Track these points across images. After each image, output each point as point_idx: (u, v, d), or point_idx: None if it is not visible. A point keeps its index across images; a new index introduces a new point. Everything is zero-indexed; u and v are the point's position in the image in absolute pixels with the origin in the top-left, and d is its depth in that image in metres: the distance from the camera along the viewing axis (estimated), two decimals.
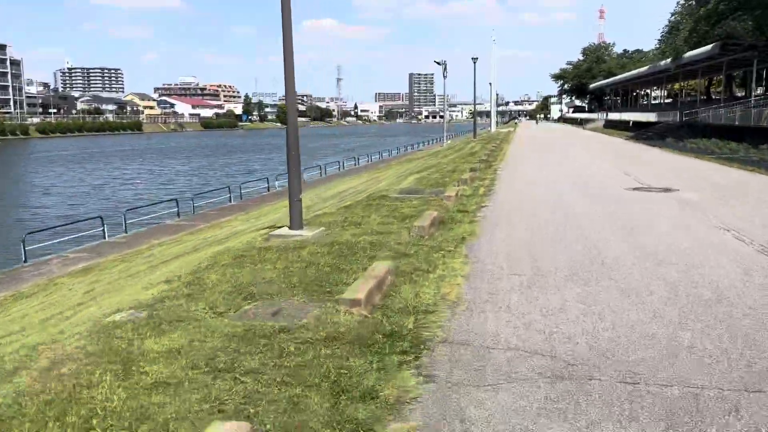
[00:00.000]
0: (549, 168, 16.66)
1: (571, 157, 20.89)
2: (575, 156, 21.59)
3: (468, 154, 24.84)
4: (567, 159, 20.36)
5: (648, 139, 32.96)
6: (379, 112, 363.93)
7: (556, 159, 20.45)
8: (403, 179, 16.37)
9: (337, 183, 24.31)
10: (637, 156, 21.18)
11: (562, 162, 18.79)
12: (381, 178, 19.96)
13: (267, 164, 48.20)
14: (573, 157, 20.95)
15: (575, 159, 20.39)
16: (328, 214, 9.66)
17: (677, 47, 44.63)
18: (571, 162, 18.76)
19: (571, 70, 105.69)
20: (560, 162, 18.80)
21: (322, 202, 14.33)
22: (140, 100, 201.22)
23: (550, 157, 21.27)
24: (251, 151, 69.64)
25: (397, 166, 27.99)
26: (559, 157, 21.09)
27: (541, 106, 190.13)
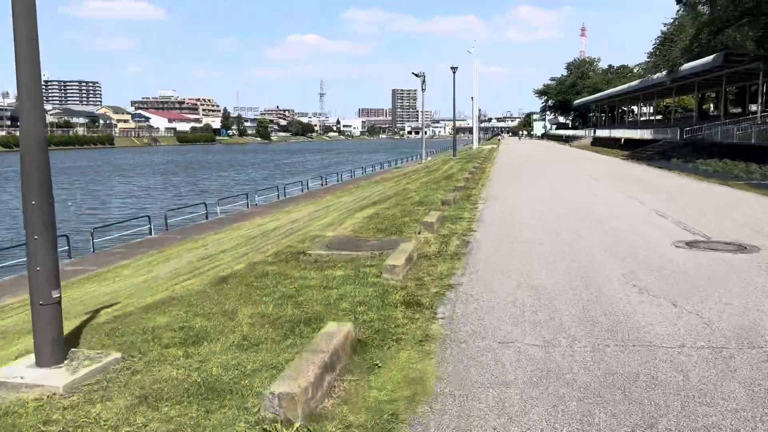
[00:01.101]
0: (547, 202, 12.31)
1: (570, 184, 16.86)
2: (575, 182, 17.50)
3: (443, 177, 20.68)
4: (566, 187, 16.27)
5: (649, 159, 29.18)
6: (361, 127, 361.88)
7: (552, 186, 16.40)
8: (353, 213, 12.09)
9: (278, 214, 19.99)
10: (651, 182, 17.04)
11: (560, 191, 14.52)
12: (331, 209, 15.65)
13: (225, 183, 43.72)
14: (573, 184, 16.94)
15: (576, 186, 16.36)
16: (166, 306, 5.31)
17: (673, 59, 41.32)
18: (574, 191, 14.64)
19: (555, 86, 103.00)
20: (558, 191, 14.51)
21: (209, 259, 9.97)
22: (114, 114, 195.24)
23: (543, 183, 17.12)
24: (215, 168, 64.93)
25: (360, 190, 23.75)
26: (555, 184, 17.02)
27: (523, 122, 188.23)
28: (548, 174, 20.64)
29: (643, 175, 20.06)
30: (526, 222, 9.89)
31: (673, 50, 43.37)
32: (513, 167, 25.76)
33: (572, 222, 9.75)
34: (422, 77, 49.40)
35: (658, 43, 48.92)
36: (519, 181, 18.49)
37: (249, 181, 45.96)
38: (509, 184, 17.06)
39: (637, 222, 9.63)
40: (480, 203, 12.52)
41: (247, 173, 55.76)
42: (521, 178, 19.32)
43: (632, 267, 6.52)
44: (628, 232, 8.71)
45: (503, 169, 24.36)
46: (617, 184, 16.63)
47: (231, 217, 23.44)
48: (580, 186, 16.33)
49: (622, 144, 45.29)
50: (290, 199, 29.11)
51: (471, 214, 10.73)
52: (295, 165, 68.94)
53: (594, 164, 26.61)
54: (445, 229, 9.12)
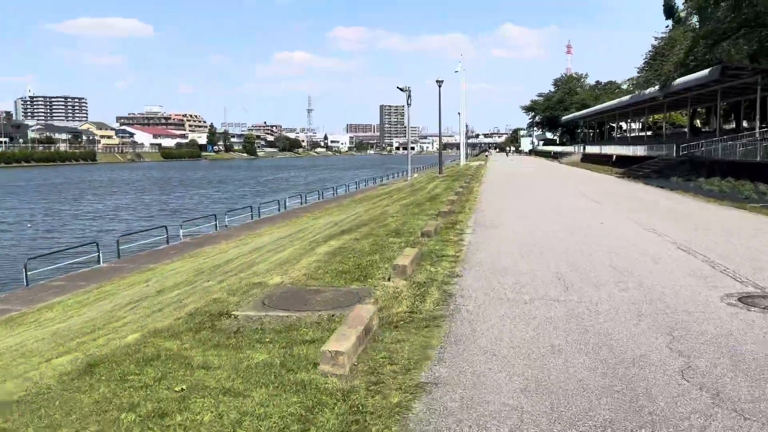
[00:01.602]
0: (547, 233, 10.23)
1: (569, 209, 14.70)
2: (575, 206, 15.40)
3: (427, 198, 18.77)
4: (566, 212, 13.94)
5: (646, 177, 27.55)
6: (349, 143, 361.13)
7: (550, 210, 14.19)
8: (316, 247, 10.11)
9: (246, 238, 17.98)
10: (659, 205, 15.05)
11: (560, 218, 12.51)
12: (297, 236, 13.64)
13: (200, 201, 41.48)
14: (573, 209, 14.69)
15: (578, 211, 14.17)
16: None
17: (666, 73, 40.03)
18: (577, 219, 12.51)
19: (542, 102, 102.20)
20: (558, 218, 12.54)
21: (130, 308, 7.97)
22: (98, 130, 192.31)
23: (540, 206, 15.11)
24: (193, 185, 62.62)
25: (338, 211, 21.86)
26: (552, 208, 14.72)
27: (510, 138, 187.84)
28: (542, 195, 18.73)
29: (646, 196, 18.24)
30: (525, 263, 7.95)
31: (665, 64, 42.10)
32: (503, 186, 23.92)
33: (582, 264, 7.82)
34: (407, 92, 47.81)
35: (649, 57, 47.76)
36: (511, 203, 16.57)
37: (226, 199, 43.83)
38: (500, 208, 15.16)
39: (665, 265, 7.71)
40: (467, 233, 10.59)
41: (226, 190, 53.57)
42: (513, 200, 17.40)
43: (684, 346, 4.57)
44: (658, 282, 6.77)
45: (492, 188, 22.50)
46: (622, 208, 14.69)
47: (195, 242, 21.35)
48: (582, 210, 14.32)
49: (614, 161, 43.82)
50: (264, 220, 27.09)
51: (456, 250, 8.79)
52: (278, 182, 66.87)
53: (590, 183, 24.80)
54: (423, 273, 7.16)
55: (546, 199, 17.11)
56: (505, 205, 15.62)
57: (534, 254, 8.49)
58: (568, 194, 18.95)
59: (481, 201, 16.92)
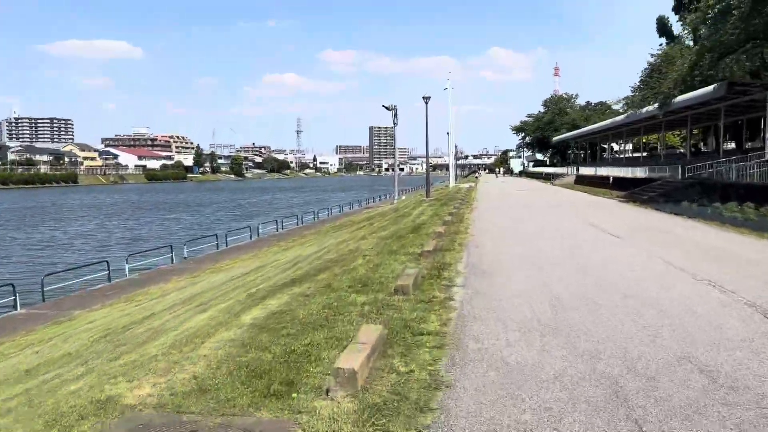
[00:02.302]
0: (577, 296, 7.15)
1: (586, 246, 11.40)
2: (591, 242, 12.15)
3: (411, 227, 15.99)
4: (584, 252, 10.70)
5: (653, 202, 25.00)
6: (338, 164, 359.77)
7: (565, 251, 10.78)
8: (249, 309, 7.26)
9: (201, 274, 15.19)
10: (691, 241, 12.04)
11: (579, 262, 9.37)
12: (239, 284, 10.78)
13: (168, 227, 38.37)
14: (590, 247, 11.35)
15: (598, 250, 10.84)
16: None
17: (665, 91, 37.93)
18: (604, 265, 9.12)
19: (533, 123, 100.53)
20: (577, 263, 9.31)
21: None
22: (80, 151, 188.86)
23: (548, 244, 11.90)
24: (168, 208, 59.51)
25: (309, 243, 19.12)
26: (566, 248, 11.13)
27: (500, 159, 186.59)
28: (546, 226, 15.61)
29: (666, 225, 15.50)
30: (553, 359, 5.05)
31: (663, 82, 40.04)
32: (498, 213, 21.14)
33: (651, 363, 4.98)
34: (394, 111, 45.49)
35: (644, 74, 45.75)
36: (511, 236, 13.74)
37: (198, 225, 40.85)
38: (498, 244, 12.35)
39: (754, 348, 4.98)
40: (457, 286, 7.79)
41: (201, 215, 50.57)
42: (514, 233, 14.42)
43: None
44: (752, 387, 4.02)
45: (486, 216, 19.71)
46: (650, 246, 11.49)
47: (143, 278, 18.43)
48: (602, 249, 11.07)
49: (610, 183, 41.44)
50: (230, 250, 24.21)
51: (442, 321, 5.96)
52: (260, 205, 63.94)
53: (595, 209, 21.95)
54: (385, 378, 4.34)
55: (552, 232, 14.24)
56: (504, 241, 12.83)
57: (562, 334, 5.62)
58: (576, 225, 16.16)
59: (473, 233, 14.14)
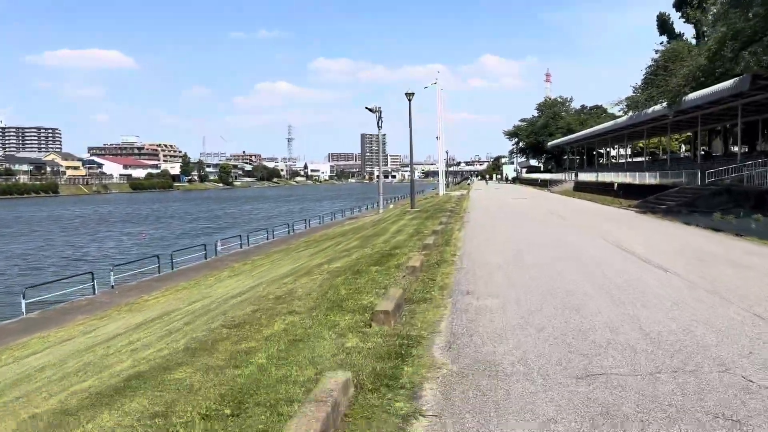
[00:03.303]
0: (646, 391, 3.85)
1: (635, 294, 7.40)
2: (636, 281, 8.24)
3: (383, 251, 12.15)
4: (637, 307, 6.65)
5: (672, 212, 21.30)
6: (330, 171, 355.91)
7: (603, 298, 7.10)
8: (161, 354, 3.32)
9: (113, 311, 11.26)
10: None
11: (641, 334, 5.51)
12: (152, 326, 6.89)
13: (122, 244, 34.26)
14: (641, 295, 7.31)
15: (656, 302, 6.91)
16: None
17: (676, 88, 34.41)
18: (682, 332, 5.57)
19: (526, 127, 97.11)
20: (637, 335, 5.48)
21: None
22: (63, 160, 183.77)
23: (575, 288, 7.81)
24: (135, 221, 55.25)
25: (272, 262, 15.25)
26: (606, 295, 7.33)
27: (492, 166, 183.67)
28: (563, 253, 11.26)
29: (722, 250, 11.44)
30: None
31: (670, 79, 36.54)
32: (495, 230, 16.98)
33: None
34: (378, 113, 41.80)
35: (649, 72, 42.26)
36: (516, 268, 9.84)
37: (157, 240, 36.79)
38: (501, 284, 8.46)
39: None
40: (431, 382, 4.04)
41: (168, 228, 46.47)
42: (520, 264, 10.33)
43: None
44: None
45: (480, 235, 15.60)
46: (738, 296, 7.11)
47: (41, 317, 14.47)
48: (668, 298, 7.13)
49: (615, 190, 37.82)
50: (174, 275, 20.27)
51: None
52: (238, 216, 59.87)
53: (615, 225, 17.34)
54: None
55: (573, 262, 10.19)
56: (509, 278, 8.93)
57: None
58: (603, 249, 12.12)
59: (464, 265, 10.25)
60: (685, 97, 33.13)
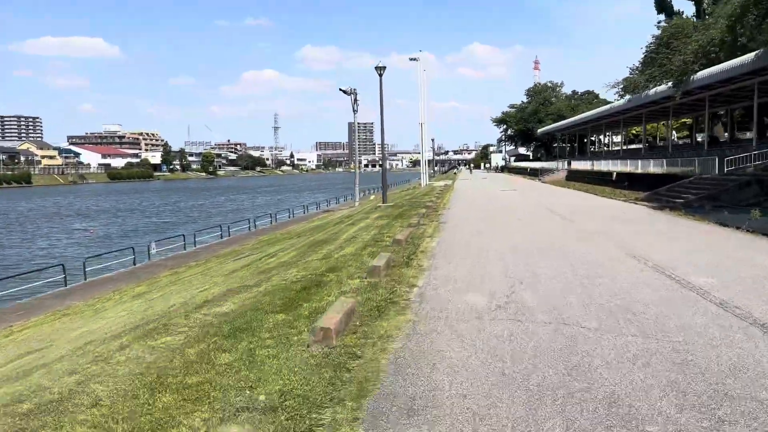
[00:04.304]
0: None
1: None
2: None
3: (314, 279, 8.37)
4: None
5: (693, 207, 17.64)
6: (317, 160, 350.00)
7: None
8: None
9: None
10: None
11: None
12: None
13: (53, 245, 30.01)
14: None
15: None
16: None
17: (683, 66, 30.74)
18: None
19: (515, 114, 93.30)
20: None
21: None
22: (38, 149, 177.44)
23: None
24: (86, 216, 50.72)
25: (206, 270, 11.32)
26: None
27: (480, 155, 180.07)
28: (591, 294, 6.94)
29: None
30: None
31: (673, 58, 32.84)
32: (481, 240, 12.94)
33: None
34: (353, 95, 37.83)
35: (650, 50, 38.51)
36: (516, 329, 5.77)
37: (102, 240, 32.65)
38: (485, 378, 4.51)
39: None
40: None
41: (121, 224, 42.20)
42: (520, 316, 6.02)
43: None
44: None
45: (458, 246, 11.60)
46: None
47: None
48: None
49: (614, 180, 34.22)
50: (86, 287, 16.32)
51: None
52: (206, 209, 55.65)
53: (637, 230, 12.61)
54: None
55: (613, 319, 5.87)
56: (502, 367, 4.92)
57: None
58: (649, 285, 7.34)
59: (420, 316, 6.32)
60: (694, 75, 29.53)
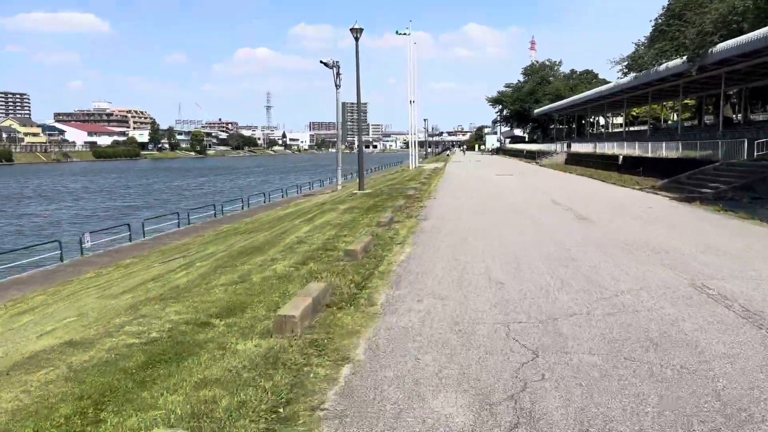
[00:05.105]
0: None
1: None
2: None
3: (223, 308, 5.37)
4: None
5: (735, 203, 14.68)
6: (310, 141, 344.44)
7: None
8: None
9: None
10: None
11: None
12: None
13: None
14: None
15: None
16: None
17: (699, 38, 27.59)
18: None
19: (511, 93, 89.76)
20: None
21: None
22: (21, 127, 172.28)
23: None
24: (52, 197, 47.42)
25: (149, 265, 8.12)
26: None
27: (475, 136, 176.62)
28: (653, 364, 4.06)
29: None
30: None
31: (688, 29, 29.62)
32: (471, 243, 9.28)
33: None
34: (336, 67, 34.37)
35: (660, 23, 35.19)
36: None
37: (49, 225, 29.47)
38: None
39: None
40: None
41: (85, 206, 38.93)
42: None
43: None
44: None
45: (438, 255, 8.56)
46: None
47: None
48: None
49: (620, 164, 31.20)
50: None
51: None
52: (181, 191, 52.31)
53: (676, 236, 9.93)
54: None
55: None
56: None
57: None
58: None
59: (355, 421, 3.36)
60: (713, 48, 26.40)
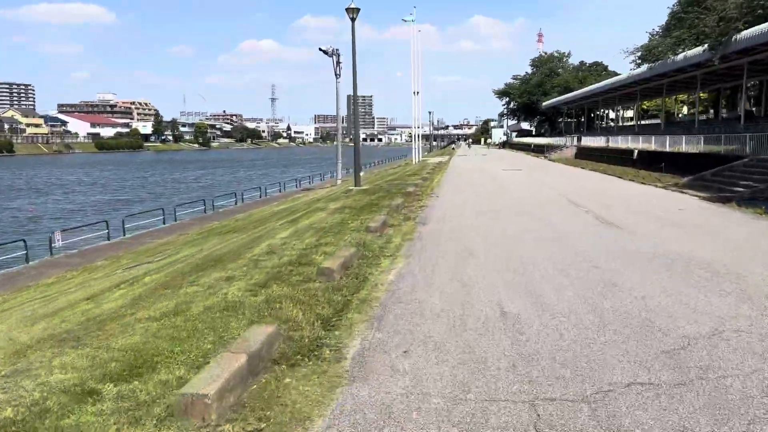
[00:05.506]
0: None
1: None
2: None
3: (127, 366, 3.79)
4: None
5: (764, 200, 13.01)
6: (315, 134, 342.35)
7: None
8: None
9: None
10: None
11: None
12: None
13: None
14: None
15: None
16: None
17: (722, 24, 25.78)
18: None
19: (518, 86, 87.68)
20: None
21: None
22: (23, 117, 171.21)
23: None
24: (43, 191, 46.03)
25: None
26: None
27: (481, 129, 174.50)
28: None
29: None
30: None
31: (709, 16, 27.73)
32: (477, 257, 7.41)
33: None
34: (336, 56, 32.69)
35: (678, 9, 33.26)
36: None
37: (32, 221, 28.05)
38: None
39: None
40: None
41: (71, 201, 37.51)
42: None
43: None
44: None
45: (438, 264, 6.94)
46: None
47: None
48: None
49: (635, 159, 29.44)
50: None
51: None
52: (178, 184, 50.86)
53: (728, 244, 8.47)
54: None
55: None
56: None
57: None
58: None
59: None
60: (738, 35, 24.60)
